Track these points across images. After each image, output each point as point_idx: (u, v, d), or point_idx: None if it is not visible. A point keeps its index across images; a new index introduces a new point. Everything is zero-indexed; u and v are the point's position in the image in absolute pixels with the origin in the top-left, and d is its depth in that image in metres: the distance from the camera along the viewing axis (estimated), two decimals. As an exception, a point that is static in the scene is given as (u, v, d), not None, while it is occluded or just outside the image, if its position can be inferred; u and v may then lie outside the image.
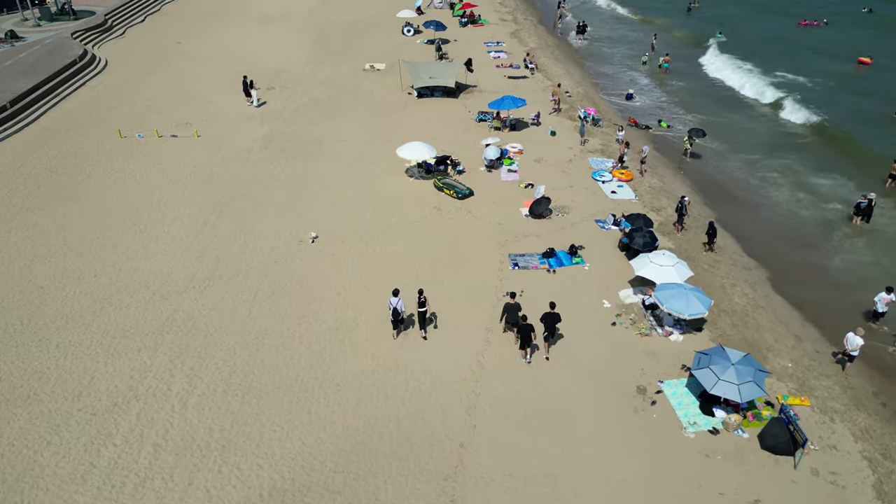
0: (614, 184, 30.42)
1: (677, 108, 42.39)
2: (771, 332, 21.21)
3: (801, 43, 55.88)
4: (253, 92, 40.16)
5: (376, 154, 33.53)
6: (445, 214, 27.96)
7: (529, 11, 67.18)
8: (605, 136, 36.30)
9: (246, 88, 40.25)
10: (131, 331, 21.06)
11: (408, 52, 50.59)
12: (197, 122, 37.79)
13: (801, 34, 59.14)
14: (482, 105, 39.69)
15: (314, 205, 28.71)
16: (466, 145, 34.60)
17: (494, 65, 47.74)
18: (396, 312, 19.94)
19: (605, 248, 25.39)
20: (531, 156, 33.40)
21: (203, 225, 27.11)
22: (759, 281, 24.31)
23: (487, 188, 30.15)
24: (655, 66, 50.51)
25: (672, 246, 25.69)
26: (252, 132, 36.43)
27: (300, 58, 49.72)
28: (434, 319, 21.43)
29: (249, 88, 40.16)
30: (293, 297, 22.61)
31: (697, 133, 34.97)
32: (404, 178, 31.30)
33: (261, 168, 32.23)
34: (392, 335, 20.54)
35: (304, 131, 36.54)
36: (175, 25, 58.43)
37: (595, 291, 22.81)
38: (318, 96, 41.94)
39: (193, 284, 23.33)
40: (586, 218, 27.58)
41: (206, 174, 31.54)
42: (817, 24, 62.02)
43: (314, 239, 26.03)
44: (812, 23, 62.29)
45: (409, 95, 41.83)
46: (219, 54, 50.26)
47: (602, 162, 32.67)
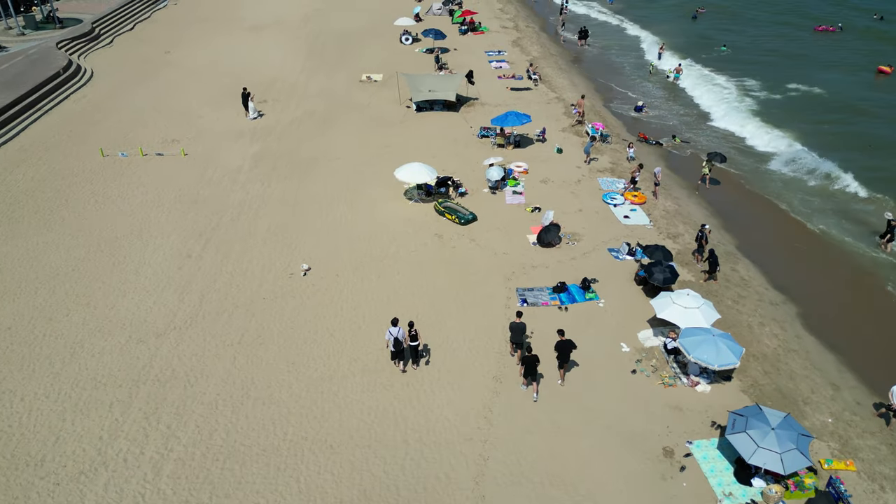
0: (627, 207, 28.57)
1: (692, 123, 40.44)
2: (806, 381, 19.35)
3: (815, 50, 54.08)
4: (250, 104, 38.40)
5: (373, 174, 31.66)
6: (447, 242, 26.09)
7: (531, 18, 65.37)
8: (615, 153, 34.46)
9: (245, 101, 38.46)
10: (104, 380, 19.14)
11: (406, 61, 48.76)
12: (184, 138, 35.88)
13: (817, 41, 57.40)
14: (484, 120, 37.84)
15: (307, 231, 26.83)
16: (468, 164, 32.75)
17: (496, 75, 45.91)
18: (398, 343, 18.65)
19: (621, 282, 23.53)
20: (537, 175, 31.54)
21: (187, 256, 25.19)
22: (788, 318, 22.44)
23: (491, 212, 28.30)
24: (663, 75, 48.66)
25: (692, 278, 23.83)
26: (242, 149, 34.53)
27: (294, 67, 47.85)
28: (427, 354, 19.99)
29: (248, 101, 38.38)
30: (282, 340, 20.71)
31: (717, 157, 32.31)
32: (403, 200, 29.43)
33: (251, 190, 30.33)
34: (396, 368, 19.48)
35: (297, 148, 34.64)
36: (165, 33, 56.53)
37: (612, 332, 20.94)
38: (313, 109, 40.07)
39: (174, 325, 21.41)
40: (598, 246, 25.72)
41: (192, 197, 29.62)
42: (833, 30, 60.35)
43: (306, 272, 24.14)
44: (828, 28, 60.62)
45: (407, 109, 39.99)
46: (209, 64, 48.36)
47: (612, 182, 30.82)
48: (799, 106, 42.07)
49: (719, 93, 44.82)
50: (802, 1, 70.95)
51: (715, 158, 32.17)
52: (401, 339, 18.72)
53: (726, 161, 33.03)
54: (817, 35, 59.55)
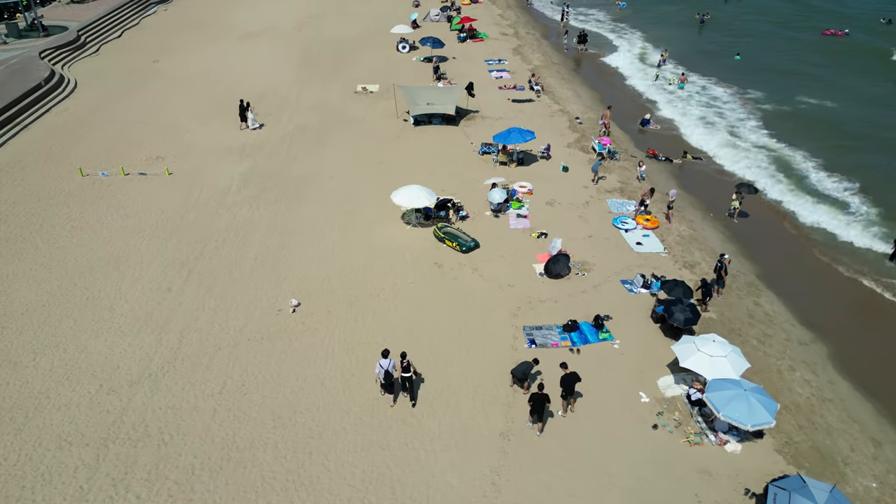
0: (639, 233, 26.80)
1: (704, 135, 38.61)
2: (844, 436, 17.58)
3: (826, 57, 52.42)
4: (249, 114, 36.75)
5: (369, 194, 29.84)
6: (448, 273, 24.28)
7: (531, 25, 63.61)
8: (624, 171, 32.69)
9: (242, 112, 36.79)
10: (69, 438, 17.28)
11: (403, 70, 46.98)
12: (169, 155, 34.01)
13: (826, 45, 55.78)
14: (485, 134, 36.05)
15: (297, 261, 24.99)
16: (469, 183, 30.96)
17: (496, 86, 44.13)
18: (388, 375, 17.79)
19: (636, 319, 21.74)
20: (542, 197, 29.76)
21: (167, 290, 23.33)
22: (819, 360, 20.68)
23: (494, 238, 26.51)
24: (666, 83, 46.91)
25: (713, 315, 22.04)
26: (230, 168, 32.68)
27: (286, 78, 46.02)
28: (420, 384, 18.78)
29: (245, 111, 36.74)
30: (267, 389, 18.87)
31: (747, 188, 29.28)
32: (400, 225, 27.62)
33: (238, 214, 28.48)
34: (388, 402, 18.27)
35: (288, 167, 32.80)
36: (153, 41, 54.64)
37: (629, 378, 19.15)
38: (305, 123, 38.24)
39: (150, 372, 19.55)
40: (611, 278, 23.94)
41: (175, 222, 27.77)
42: (841, 34, 58.80)
43: (295, 308, 22.31)
44: (837, 32, 59.07)
45: (404, 122, 38.19)
46: (199, 74, 46.50)
47: (622, 205, 29.04)
48: (815, 122, 40.22)
49: (728, 105, 43.09)
50: (807, 5, 69.51)
51: (745, 189, 29.15)
52: (391, 372, 17.78)
53: (757, 192, 30.06)
54: (826, 39, 57.99)
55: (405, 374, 18.11)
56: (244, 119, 37.05)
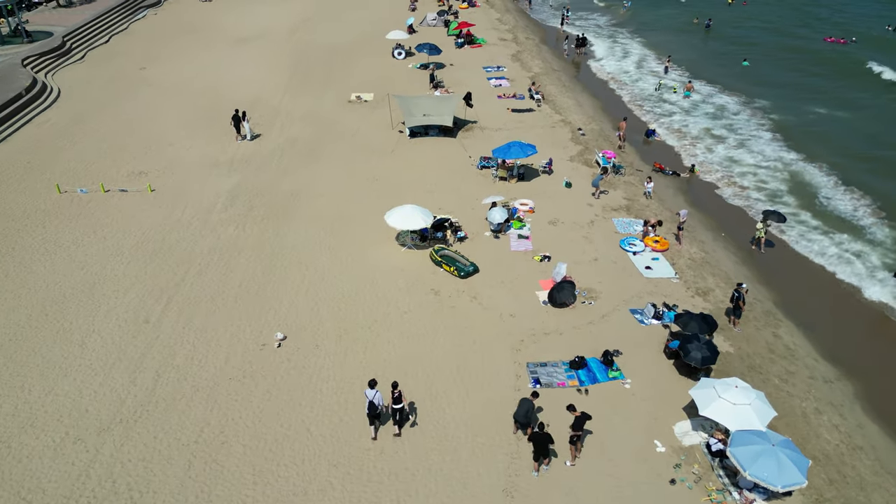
0: (647, 256, 25.27)
1: (712, 148, 37.12)
2: (879, 492, 16.08)
3: (831, 67, 50.99)
4: (245, 124, 35.28)
5: (362, 213, 28.30)
6: (445, 301, 22.73)
7: (530, 29, 62.07)
8: (630, 186, 31.17)
9: (237, 122, 35.31)
10: (28, 497, 15.68)
11: (398, 78, 45.43)
12: (153, 170, 32.41)
13: (830, 53, 54.33)
14: (484, 147, 34.52)
15: (284, 288, 23.42)
16: (467, 200, 29.42)
17: (495, 94, 42.60)
18: (373, 406, 16.67)
19: (648, 354, 20.22)
20: (544, 215, 28.23)
21: (144, 321, 21.74)
22: (846, 400, 19.17)
23: (495, 261, 24.98)
24: (670, 91, 45.41)
25: (731, 350, 20.52)
26: (216, 184, 31.09)
27: (278, 86, 44.43)
28: (413, 415, 17.66)
29: (241, 121, 35.27)
30: (249, 437, 17.30)
31: (774, 216, 27.01)
32: (394, 246, 26.08)
33: (223, 234, 26.90)
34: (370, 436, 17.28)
35: (277, 183, 31.22)
36: (142, 47, 52.99)
37: (643, 424, 17.61)
38: (297, 135, 36.66)
39: (121, 417, 17.97)
40: (619, 307, 22.41)
41: (156, 244, 26.18)
42: (844, 42, 57.32)
43: (280, 342, 20.74)
44: (838, 40, 57.60)
45: (400, 134, 36.63)
46: (187, 81, 44.89)
47: (629, 224, 27.52)
48: (826, 134, 38.70)
49: (737, 115, 41.59)
50: (813, 11, 68.16)
51: (772, 218, 26.95)
52: (377, 404, 16.71)
53: (786, 221, 27.56)
54: (829, 47, 56.54)
55: (396, 406, 16.89)
56: (239, 129, 35.58)
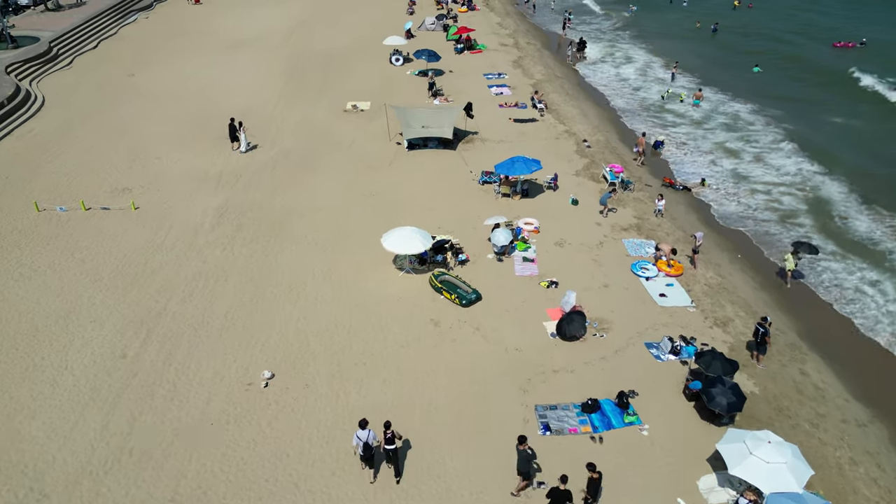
0: (661, 281, 23.72)
1: (724, 160, 35.51)
2: (928, 558, 14.55)
3: (844, 72, 49.52)
4: (241, 135, 33.79)
5: (357, 233, 26.74)
6: (446, 333, 21.17)
7: (531, 34, 60.53)
8: (639, 204, 29.62)
9: (233, 133, 33.83)
10: (-16, 566, 14.10)
11: (396, 85, 43.88)
12: (137, 186, 30.80)
13: (841, 58, 52.90)
14: (485, 160, 32.95)
15: (273, 318, 21.84)
16: (468, 218, 27.87)
17: (497, 103, 41.06)
18: (368, 448, 15.61)
19: (666, 394, 18.67)
20: (550, 235, 26.68)
21: (121, 356, 20.14)
22: (882, 447, 17.64)
23: (498, 286, 23.43)
24: (677, 100, 43.88)
25: (756, 390, 18.97)
26: (204, 201, 29.49)
27: (271, 93, 42.84)
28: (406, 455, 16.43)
29: (237, 132, 33.79)
30: (230, 495, 15.72)
31: (806, 248, 24.52)
32: (392, 270, 24.52)
33: (209, 257, 25.31)
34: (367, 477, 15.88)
35: (268, 199, 29.64)
36: (131, 52, 51.36)
37: (663, 479, 16.05)
38: (290, 147, 35.07)
39: (90, 469, 16.38)
40: (633, 339, 20.85)
41: (138, 268, 24.58)
42: (853, 46, 55.91)
43: (268, 381, 19.16)
44: (847, 44, 56.19)
45: (397, 146, 35.06)
46: (176, 89, 43.29)
47: (641, 246, 25.97)
48: (844, 146, 37.24)
49: (751, 125, 40.00)
50: (819, 15, 66.75)
51: (803, 249, 24.48)
52: (371, 444, 15.64)
53: (818, 253, 24.99)
54: (839, 51, 55.14)
55: (389, 447, 15.65)
56: (235, 139, 34.08)
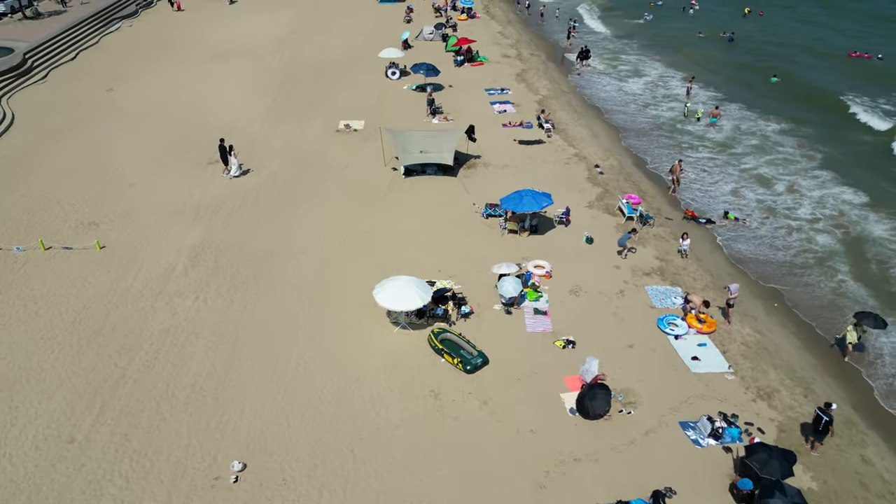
0: (692, 340, 20.86)
1: (750, 191, 32.30)
2: None
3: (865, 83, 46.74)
4: (232, 158, 31.20)
5: (347, 278, 23.88)
6: (447, 408, 18.29)
7: (535, 44, 57.62)
8: (661, 242, 26.76)
9: (224, 155, 31.22)
10: None
11: (392, 101, 41.04)
12: (106, 220, 27.88)
13: (859, 69, 50.21)
14: (489, 189, 30.10)
15: (248, 389, 18.94)
16: (472, 259, 25.03)
17: (500, 122, 38.19)
18: None
19: (709, 492, 15.81)
20: (564, 281, 23.82)
21: (68, 441, 17.23)
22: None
23: (507, 346, 20.58)
24: (693, 118, 41.03)
25: (814, 485, 16.11)
26: (178, 239, 26.57)
27: (258, 110, 39.95)
28: None
29: (228, 154, 31.16)
30: None
31: (871, 320, 20.81)
32: (385, 325, 21.64)
33: (179, 309, 22.39)
34: None
35: (249, 238, 26.72)
36: (112, 64, 48.37)
37: None
38: (276, 173, 32.16)
39: None
40: (666, 417, 17.98)
41: (98, 322, 21.66)
42: (869, 57, 53.16)
43: (238, 474, 16.26)
44: (863, 55, 53.44)
45: (393, 171, 32.18)
46: (157, 105, 40.35)
47: (666, 295, 23.10)
48: (881, 167, 34.50)
49: (778, 146, 37.05)
50: (832, 23, 64.04)
51: (868, 322, 20.79)
52: None
53: (886, 327, 21.03)
54: (854, 62, 52.43)
55: None
56: (226, 162, 31.47)
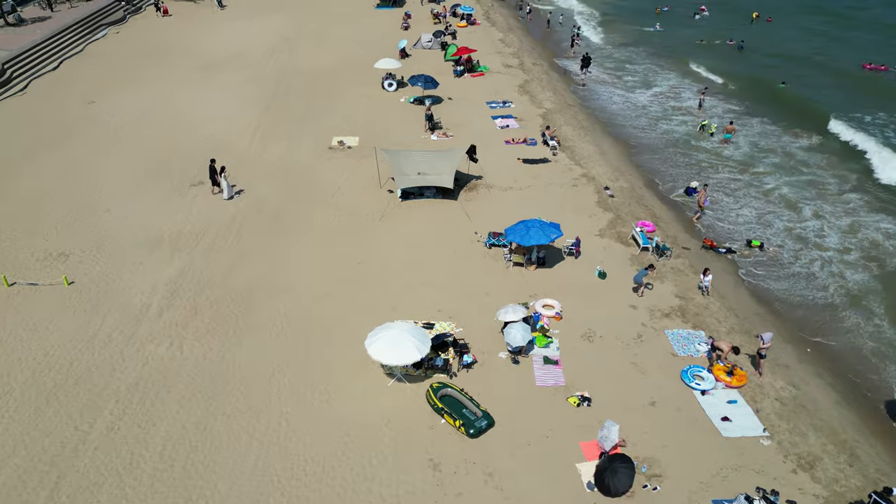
0: (722, 397, 18.73)
1: (775, 216, 30.07)
2: None
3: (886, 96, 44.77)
4: (223, 180, 29.18)
5: (338, 319, 21.77)
6: (448, 482, 16.14)
7: (537, 52, 55.48)
8: (680, 276, 24.63)
9: (213, 176, 29.32)
10: None
11: (389, 114, 38.96)
12: (77, 250, 25.71)
13: (870, 82, 48.22)
14: (492, 215, 28.01)
15: (222, 456, 16.77)
16: (474, 297, 22.92)
17: (503, 139, 36.07)
18: None
19: None
20: (576, 324, 21.69)
21: (13, 525, 15.06)
22: None
23: (515, 404, 18.45)
24: (707, 133, 38.94)
25: (873, 586, 13.98)
26: (154, 273, 24.40)
27: (247, 125, 37.78)
28: None
29: (218, 175, 29.22)
30: None
31: None
32: (379, 376, 19.51)
33: (151, 358, 20.21)
34: None
35: (232, 271, 24.56)
36: (96, 73, 46.15)
37: None
38: (264, 196, 30.00)
39: None
40: (698, 495, 15.83)
41: (60, 374, 19.48)
42: (885, 69, 51.13)
43: (208, 571, 14.08)
44: (879, 67, 51.42)
45: (389, 194, 30.06)
46: (140, 119, 38.20)
47: (689, 341, 20.96)
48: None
49: (802, 164, 34.87)
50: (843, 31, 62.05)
51: None
52: None
53: None
54: (870, 74, 50.44)
55: None
56: (216, 183, 29.53)
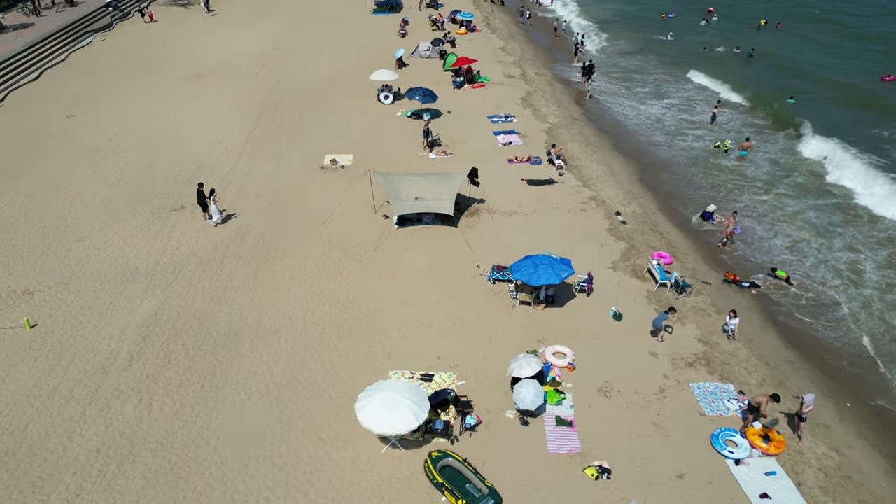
0: (757, 468, 16.58)
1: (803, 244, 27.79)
2: None
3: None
4: (212, 204, 27.16)
5: (325, 370, 19.60)
6: (451, 577, 13.96)
7: (539, 60, 53.27)
8: (702, 316, 22.48)
9: (202, 200, 27.16)
10: None
11: (385, 129, 36.83)
12: (43, 286, 23.53)
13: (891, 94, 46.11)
14: (495, 245, 25.90)
15: (192, 547, 14.58)
16: (477, 342, 20.77)
17: (505, 157, 33.92)
18: None
19: None
20: (591, 376, 19.54)
21: None
22: None
23: (526, 476, 16.30)
24: (721, 151, 36.84)
25: None
26: (125, 314, 22.20)
27: (235, 141, 35.61)
28: None
29: (207, 199, 27.15)
30: None
31: None
32: (371, 441, 17.36)
33: (117, 418, 18.02)
34: None
35: (212, 311, 22.39)
36: (77, 84, 43.98)
37: None
38: (250, 223, 27.84)
39: None
40: None
41: (13, 439, 17.31)
42: None
43: None
44: None
45: (384, 220, 27.92)
46: (120, 134, 36.04)
47: (717, 396, 18.81)
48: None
49: (832, 188, 32.61)
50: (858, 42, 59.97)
51: None
52: None
53: None
54: (886, 87, 48.35)
55: None
56: (205, 208, 27.46)
